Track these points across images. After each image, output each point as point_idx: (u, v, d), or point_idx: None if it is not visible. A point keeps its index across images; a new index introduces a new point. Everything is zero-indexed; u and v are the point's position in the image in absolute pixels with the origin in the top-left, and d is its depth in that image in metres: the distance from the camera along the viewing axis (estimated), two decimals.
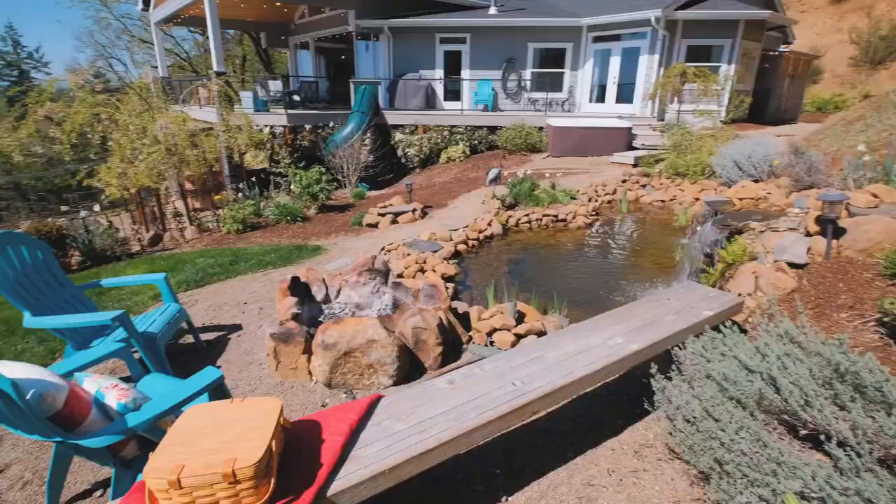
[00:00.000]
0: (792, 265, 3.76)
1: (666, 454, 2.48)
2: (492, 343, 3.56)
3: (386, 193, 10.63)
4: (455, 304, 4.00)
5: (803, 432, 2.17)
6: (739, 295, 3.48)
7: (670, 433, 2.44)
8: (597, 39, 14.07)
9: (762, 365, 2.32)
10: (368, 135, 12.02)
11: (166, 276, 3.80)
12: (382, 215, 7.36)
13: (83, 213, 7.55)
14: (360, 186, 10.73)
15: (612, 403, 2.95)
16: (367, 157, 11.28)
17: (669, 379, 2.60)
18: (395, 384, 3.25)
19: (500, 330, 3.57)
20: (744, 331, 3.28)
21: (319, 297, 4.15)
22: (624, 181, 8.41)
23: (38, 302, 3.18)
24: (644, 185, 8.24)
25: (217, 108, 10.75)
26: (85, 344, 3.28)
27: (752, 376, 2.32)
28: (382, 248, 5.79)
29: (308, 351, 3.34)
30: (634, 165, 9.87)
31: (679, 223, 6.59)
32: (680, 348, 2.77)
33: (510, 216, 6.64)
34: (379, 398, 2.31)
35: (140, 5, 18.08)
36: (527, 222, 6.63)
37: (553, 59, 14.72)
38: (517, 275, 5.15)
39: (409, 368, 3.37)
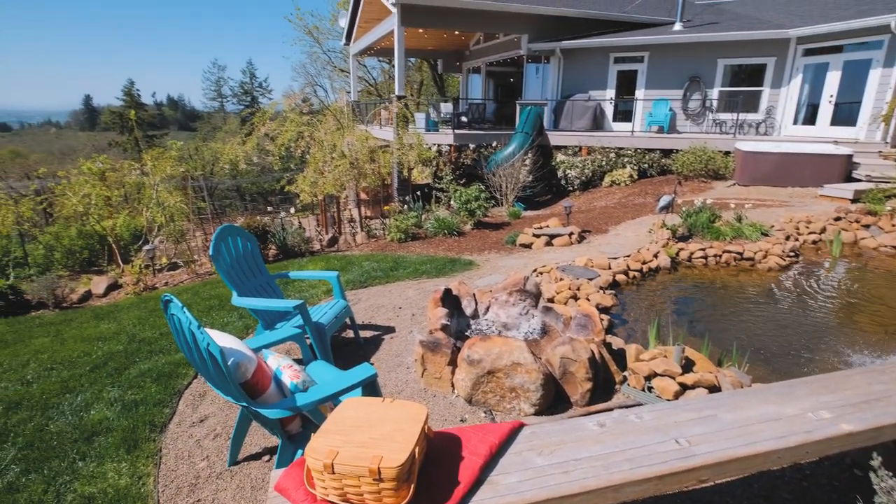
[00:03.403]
0: None
1: None
2: (650, 389, 3.17)
3: (542, 214, 10.48)
4: (609, 338, 3.68)
5: None
6: None
7: None
8: (809, 52, 12.04)
9: None
10: (529, 155, 12.05)
11: (338, 275, 4.23)
12: (537, 236, 7.23)
13: (282, 214, 8.96)
14: (517, 205, 10.77)
15: (807, 491, 2.37)
16: (525, 177, 11.30)
17: None
18: (537, 413, 3.09)
19: (661, 375, 3.16)
20: None
21: (468, 311, 4.20)
22: (838, 219, 6.93)
23: (242, 284, 3.80)
24: (868, 226, 6.67)
25: (394, 127, 11.90)
26: (271, 325, 3.81)
27: None
28: (534, 270, 5.66)
29: (453, 363, 3.38)
30: (854, 201, 8.10)
31: None
32: None
33: (682, 249, 5.93)
34: (521, 426, 2.19)
35: (343, 40, 21.08)
36: (702, 257, 5.85)
37: (748, 75, 13.02)
38: (685, 316, 4.55)
39: (553, 400, 3.18)
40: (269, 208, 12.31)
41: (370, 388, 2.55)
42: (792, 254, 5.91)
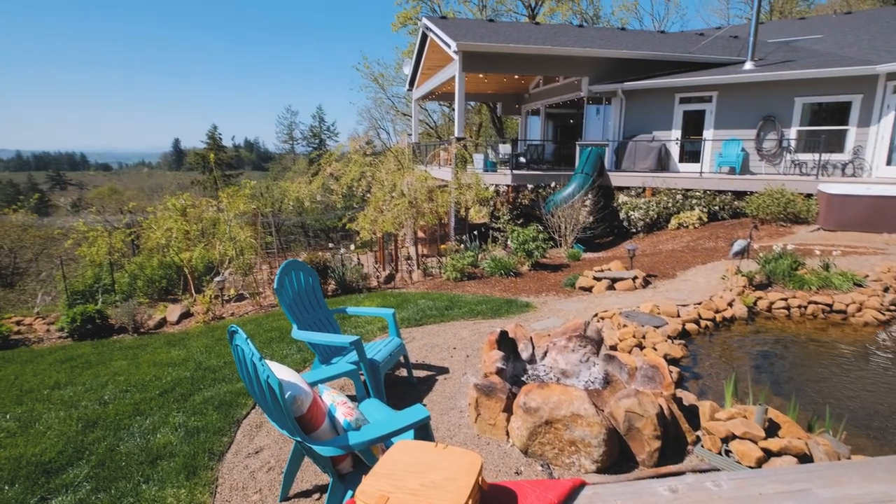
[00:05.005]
0: None
1: None
2: (728, 453, 2.86)
3: (603, 256, 10.15)
4: (680, 392, 3.40)
5: None
6: None
7: None
8: None
9: None
10: (589, 196, 11.84)
11: (394, 313, 4.24)
12: (598, 279, 6.97)
13: (342, 251, 9.25)
14: (576, 247, 10.52)
15: None
16: (585, 218, 11.07)
17: None
18: (599, 471, 2.86)
19: (741, 438, 2.85)
20: None
21: (525, 355, 4.05)
22: None
23: (302, 318, 3.89)
24: None
25: (453, 167, 12.15)
26: (327, 359, 3.85)
27: None
28: (595, 315, 5.42)
29: (508, 409, 3.24)
30: None
31: None
32: None
33: (760, 298, 5.47)
34: (582, 484, 2.02)
35: (406, 86, 22.17)
36: (784, 308, 5.36)
37: (830, 114, 12.26)
38: (767, 372, 4.13)
39: (617, 457, 2.94)
40: (331, 244, 12.79)
41: (423, 431, 2.47)
42: (893, 307, 5.28)
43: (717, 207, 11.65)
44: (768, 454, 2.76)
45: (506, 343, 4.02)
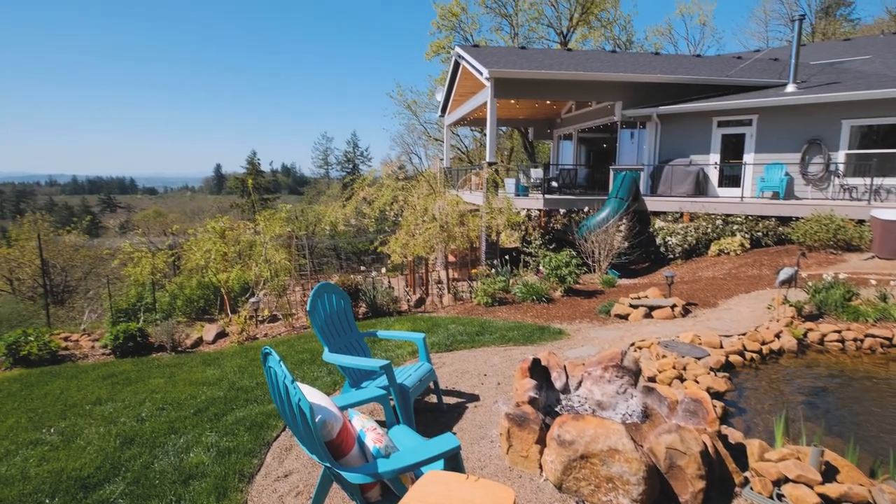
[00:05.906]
0: None
1: None
2: (780, 496, 2.65)
3: (639, 283, 9.87)
4: (725, 429, 3.20)
5: None
6: None
7: None
8: None
9: None
10: (624, 221, 11.61)
11: (424, 337, 4.20)
12: (634, 307, 6.75)
13: (373, 273, 9.33)
14: (611, 273, 10.27)
15: None
16: (620, 244, 10.84)
17: None
18: None
19: (794, 482, 2.64)
20: None
21: (558, 384, 3.93)
22: None
23: (334, 340, 3.90)
24: None
25: (484, 192, 12.19)
26: (357, 383, 3.83)
27: None
28: (632, 344, 5.22)
29: (541, 441, 3.12)
30: None
31: None
32: None
33: (810, 329, 5.15)
34: None
35: (439, 112, 22.59)
36: (837, 340, 5.03)
37: (881, 137, 11.73)
38: (821, 410, 3.85)
39: (658, 497, 2.77)
40: (362, 267, 12.92)
41: (453, 461, 2.40)
42: None
43: (759, 233, 11.20)
44: (826, 501, 2.55)
45: (538, 371, 3.91)
